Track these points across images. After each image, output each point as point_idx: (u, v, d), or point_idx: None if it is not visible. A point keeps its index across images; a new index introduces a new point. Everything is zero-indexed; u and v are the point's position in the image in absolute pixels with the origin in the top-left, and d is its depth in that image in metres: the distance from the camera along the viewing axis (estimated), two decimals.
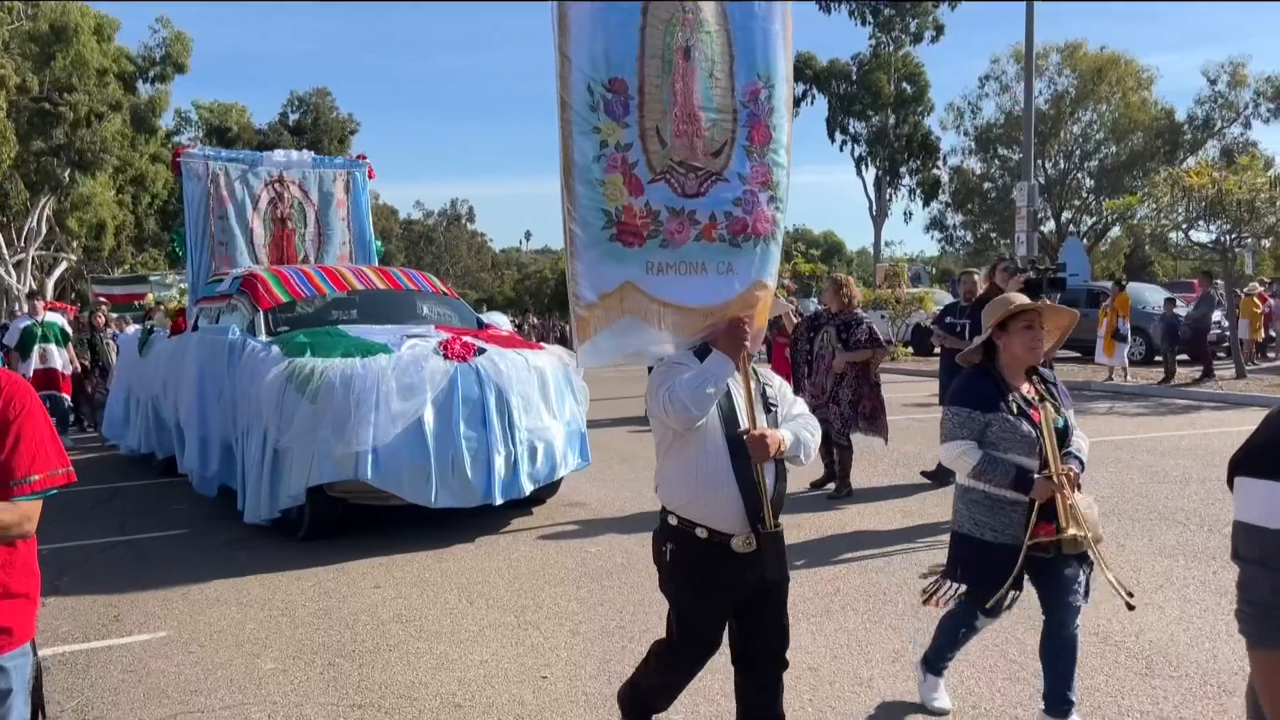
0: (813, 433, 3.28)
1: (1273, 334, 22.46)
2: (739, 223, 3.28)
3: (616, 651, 4.78)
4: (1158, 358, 18.60)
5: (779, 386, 3.33)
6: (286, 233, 10.48)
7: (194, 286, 10.10)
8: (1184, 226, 18.01)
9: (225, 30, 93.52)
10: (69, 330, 12.90)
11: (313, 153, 11.78)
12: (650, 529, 3.36)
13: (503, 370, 7.14)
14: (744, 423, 3.12)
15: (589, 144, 3.08)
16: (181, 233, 10.46)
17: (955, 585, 3.72)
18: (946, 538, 6.74)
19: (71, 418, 14.80)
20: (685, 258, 3.22)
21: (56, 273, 35.54)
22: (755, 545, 3.07)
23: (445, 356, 7.00)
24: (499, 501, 6.98)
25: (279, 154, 11.00)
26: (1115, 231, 42.98)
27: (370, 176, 11.16)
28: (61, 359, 12.22)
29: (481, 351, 7.21)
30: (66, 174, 31.08)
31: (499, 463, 6.93)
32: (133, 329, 13.12)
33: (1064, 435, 3.66)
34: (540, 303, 48.46)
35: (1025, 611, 5.11)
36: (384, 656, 4.81)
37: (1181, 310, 17.97)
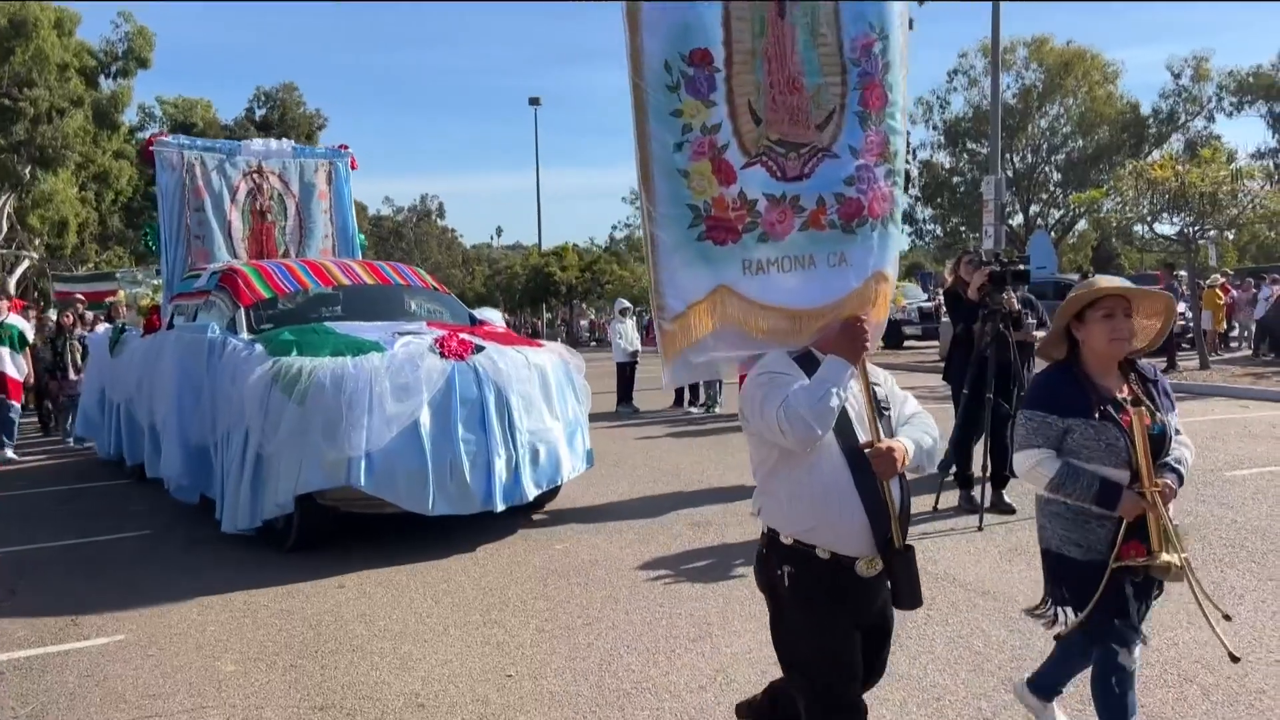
0: (933, 436, 2.92)
1: (1235, 325, 22.79)
2: (852, 204, 2.81)
3: (582, 648, 4.75)
4: None
5: (888, 384, 2.94)
6: (266, 226, 10.12)
7: (169, 282, 9.74)
8: (1148, 219, 18.22)
9: (189, 25, 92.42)
10: (29, 335, 12.57)
11: (293, 142, 11.26)
12: (616, 522, 3.31)
13: (502, 369, 6.82)
14: (862, 434, 2.77)
15: (668, 130, 2.67)
16: (155, 226, 10.09)
17: (1065, 610, 3.23)
18: (914, 530, 6.80)
19: (36, 421, 14.59)
20: (789, 251, 2.79)
21: (18, 271, 34.98)
22: (882, 568, 2.77)
23: (442, 355, 6.67)
24: (500, 508, 6.64)
25: (258, 143, 10.54)
26: (1082, 225, 43.41)
27: (353, 167, 10.78)
28: (16, 364, 11.81)
29: (480, 349, 6.88)
30: (27, 171, 30.59)
31: (500, 467, 6.60)
32: (103, 328, 12.80)
33: (1160, 443, 3.14)
34: (512, 299, 48.27)
35: (995, 604, 5.14)
36: (347, 657, 4.75)
37: None
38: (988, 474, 7.20)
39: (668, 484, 8.74)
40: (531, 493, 6.89)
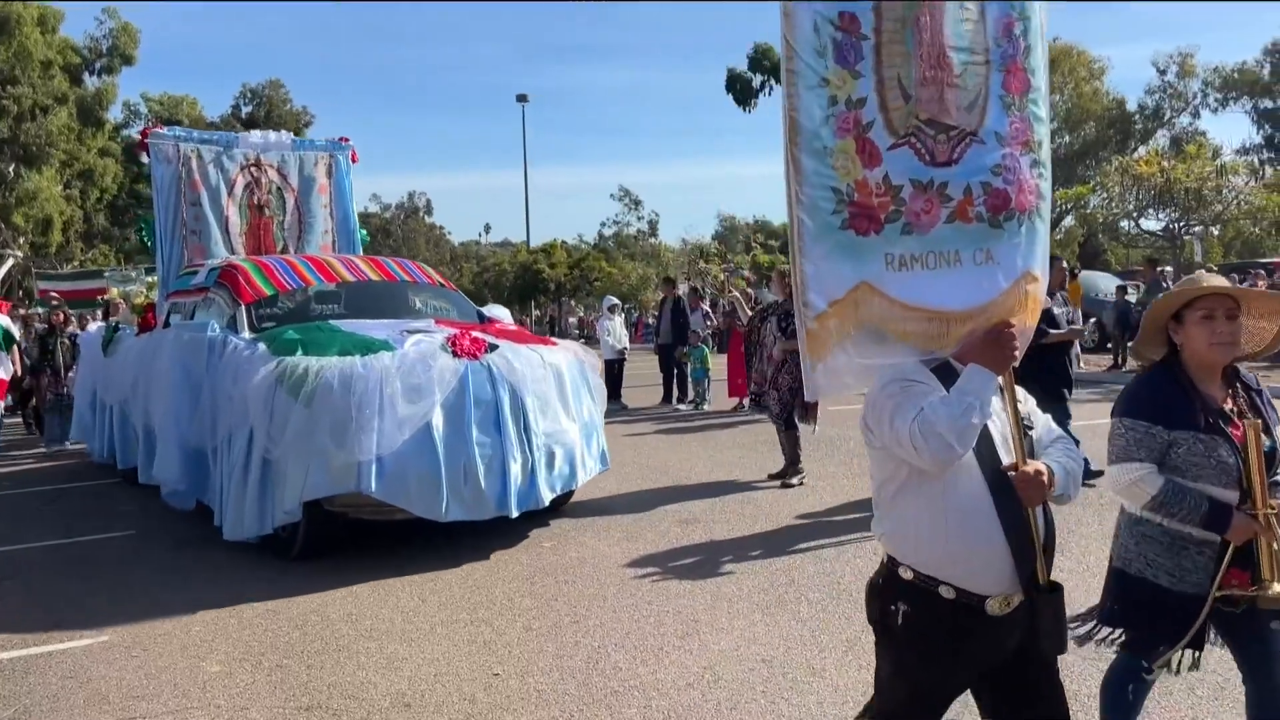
0: (1078, 462, 2.62)
1: None
2: (999, 196, 2.56)
3: (569, 646, 4.74)
4: (1111, 344, 18.89)
5: (1029, 401, 2.65)
6: (264, 220, 9.83)
7: (165, 279, 9.44)
8: (1134, 215, 18.31)
9: (174, 21, 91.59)
10: (15, 333, 12.43)
11: (291, 134, 10.99)
12: (604, 519, 3.27)
13: (517, 368, 6.59)
14: (1006, 455, 2.47)
15: (816, 101, 2.42)
16: (149, 221, 9.82)
17: (1111, 630, 3.03)
18: None
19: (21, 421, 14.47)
20: (935, 246, 2.52)
21: (3, 270, 34.76)
22: (1018, 607, 2.48)
23: (454, 354, 6.42)
24: (515, 513, 6.42)
25: (256, 135, 10.24)
26: (1069, 220, 43.56)
27: (354, 160, 10.50)
28: (1, 363, 11.66)
29: (493, 348, 6.64)
30: (11, 168, 30.42)
31: (515, 470, 6.37)
32: (94, 327, 12.61)
33: (1271, 460, 2.83)
34: (500, 296, 48.18)
35: None
36: (333, 656, 4.73)
37: (1134, 297, 18.26)
38: None
39: (655, 481, 8.74)
40: (547, 497, 6.68)
